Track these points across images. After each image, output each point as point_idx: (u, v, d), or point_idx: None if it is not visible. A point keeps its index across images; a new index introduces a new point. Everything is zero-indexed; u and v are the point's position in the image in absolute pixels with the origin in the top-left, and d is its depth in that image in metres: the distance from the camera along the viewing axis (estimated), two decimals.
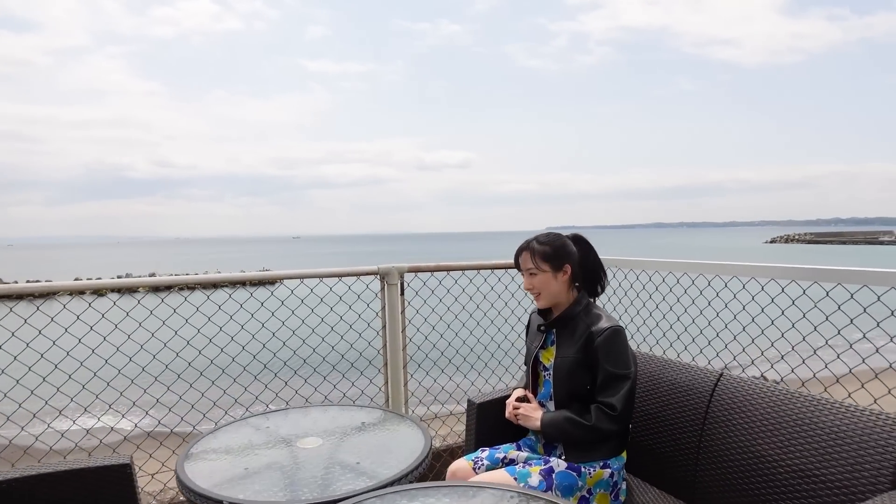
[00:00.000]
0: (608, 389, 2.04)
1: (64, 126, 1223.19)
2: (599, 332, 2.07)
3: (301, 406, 2.41)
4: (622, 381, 2.04)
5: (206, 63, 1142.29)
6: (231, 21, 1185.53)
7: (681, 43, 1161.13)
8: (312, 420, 2.27)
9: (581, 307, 2.20)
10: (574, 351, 2.11)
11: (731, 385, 2.17)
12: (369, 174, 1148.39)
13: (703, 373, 2.28)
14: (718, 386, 2.21)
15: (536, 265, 2.21)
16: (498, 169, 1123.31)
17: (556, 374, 2.17)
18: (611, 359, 2.05)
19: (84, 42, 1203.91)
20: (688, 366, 2.36)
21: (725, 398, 2.16)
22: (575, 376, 2.11)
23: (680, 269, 3.10)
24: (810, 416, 1.88)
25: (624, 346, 2.08)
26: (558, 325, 2.23)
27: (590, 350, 2.07)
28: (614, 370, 2.04)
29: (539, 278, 2.22)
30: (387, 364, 3.20)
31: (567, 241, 2.27)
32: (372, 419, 2.28)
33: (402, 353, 3.21)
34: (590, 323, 2.12)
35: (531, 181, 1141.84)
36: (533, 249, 2.23)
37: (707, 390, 2.23)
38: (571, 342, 2.13)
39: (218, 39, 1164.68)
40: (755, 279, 2.70)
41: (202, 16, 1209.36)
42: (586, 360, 2.09)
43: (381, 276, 3.13)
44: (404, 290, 3.20)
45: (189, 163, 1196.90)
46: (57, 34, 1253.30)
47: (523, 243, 2.30)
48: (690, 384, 2.28)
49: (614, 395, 2.03)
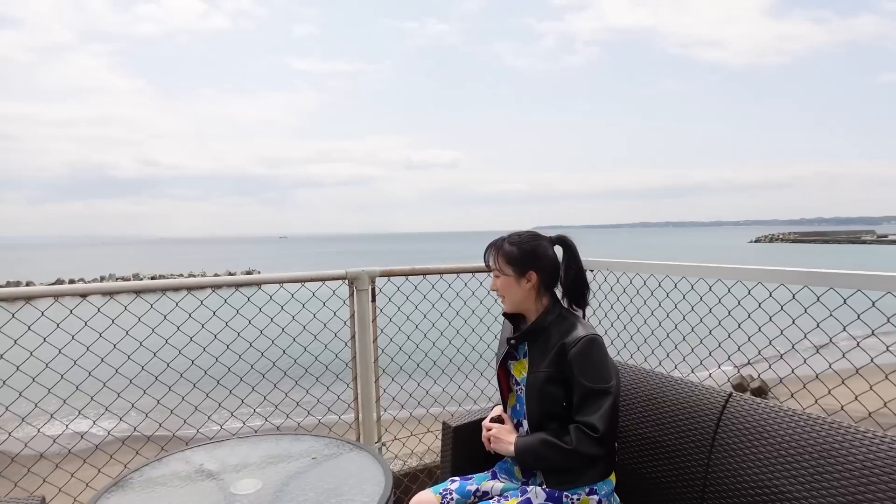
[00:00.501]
0: (587, 407, 1.81)
1: (46, 124, 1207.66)
2: (573, 343, 1.84)
3: (245, 436, 2.08)
4: (602, 397, 1.81)
5: (192, 61, 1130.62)
6: (217, 19, 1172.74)
7: (666, 44, 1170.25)
8: (255, 454, 1.92)
9: (554, 316, 1.96)
10: (546, 365, 1.88)
11: (743, 408, 1.91)
12: (357, 174, 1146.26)
13: (709, 393, 2.01)
14: (727, 408, 1.94)
15: (499, 267, 2.00)
16: (486, 168, 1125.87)
17: (528, 391, 1.94)
18: (587, 372, 1.82)
19: (67, 39, 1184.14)
20: (691, 384, 2.09)
21: (736, 423, 1.89)
22: (548, 394, 1.88)
23: (661, 271, 2.93)
24: (839, 448, 1.61)
25: (602, 357, 1.86)
26: (529, 336, 1.99)
27: (563, 364, 1.85)
28: (592, 385, 1.81)
29: (502, 281, 2.00)
30: (356, 378, 2.89)
31: (540, 245, 2.01)
32: (326, 451, 1.95)
33: (373, 366, 2.91)
34: (563, 333, 1.89)
35: (519, 181, 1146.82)
36: (499, 249, 2.01)
37: (714, 413, 1.95)
38: (544, 355, 1.91)
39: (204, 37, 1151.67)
40: (741, 282, 2.51)
41: (188, 13, 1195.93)
42: (560, 374, 1.86)
43: (350, 281, 2.82)
44: (376, 297, 2.89)
45: (174, 162, 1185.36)
46: (39, 31, 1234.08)
47: (496, 239, 2.07)
48: (694, 406, 2.01)
49: (594, 414, 1.79)
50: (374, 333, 2.90)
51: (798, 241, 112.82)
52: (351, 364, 2.90)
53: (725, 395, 1.97)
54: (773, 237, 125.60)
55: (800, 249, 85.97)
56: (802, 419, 1.75)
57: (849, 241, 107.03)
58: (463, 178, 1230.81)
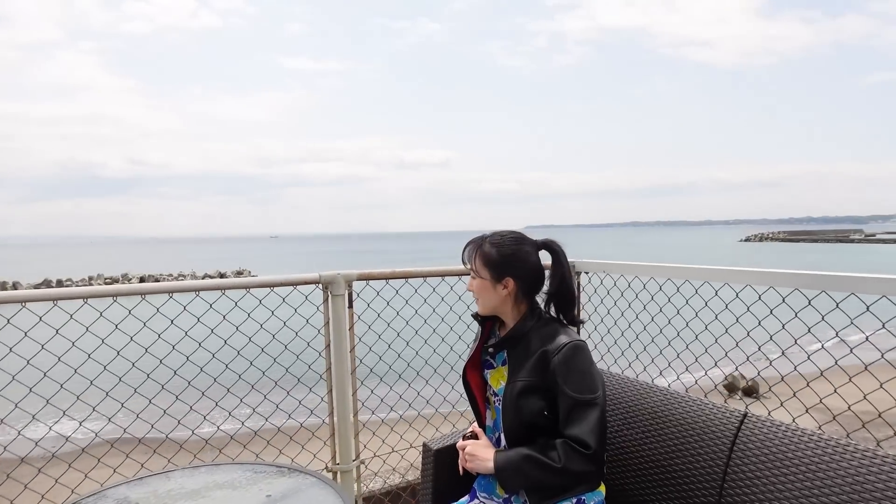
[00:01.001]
0: (574, 421, 1.66)
1: (33, 123, 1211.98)
2: (555, 350, 1.69)
3: (197, 465, 1.82)
4: (589, 409, 1.66)
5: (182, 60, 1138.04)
6: (207, 17, 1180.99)
7: (657, 44, 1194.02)
8: (200, 490, 1.68)
9: (533, 321, 1.80)
10: (526, 374, 1.73)
11: (759, 431, 1.69)
12: (348, 173, 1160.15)
13: (721, 413, 1.79)
14: (742, 431, 1.73)
15: (476, 268, 1.83)
16: (477, 168, 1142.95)
17: (505, 402, 1.77)
18: (572, 382, 1.67)
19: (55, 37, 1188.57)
20: (700, 402, 1.87)
21: (752, 447, 1.68)
22: (527, 405, 1.72)
23: (655, 273, 2.78)
24: (874, 479, 1.40)
25: (588, 365, 1.72)
26: (508, 343, 1.82)
27: (545, 372, 1.70)
28: (578, 396, 1.66)
29: (477, 283, 1.83)
30: (331, 391, 2.65)
31: (522, 250, 1.82)
32: (281, 488, 1.69)
33: (350, 378, 2.67)
34: (544, 339, 1.74)
35: (510, 180, 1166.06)
36: (478, 248, 1.83)
37: (727, 436, 1.74)
38: (524, 363, 1.75)
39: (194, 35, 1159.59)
40: (729, 285, 2.40)
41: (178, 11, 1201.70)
42: (541, 384, 1.71)
43: (324, 286, 2.58)
44: (353, 302, 2.65)
45: (164, 161, 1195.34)
46: (26, 28, 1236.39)
47: (476, 237, 1.88)
48: (704, 427, 1.80)
49: (583, 427, 1.64)
50: (351, 342, 2.66)
51: (787, 241, 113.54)
52: (326, 376, 2.66)
53: (740, 415, 1.75)
54: (763, 236, 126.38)
55: (789, 248, 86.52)
56: (830, 445, 1.54)
57: (837, 239, 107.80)
58: (455, 177, 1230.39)
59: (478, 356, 1.95)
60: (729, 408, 1.79)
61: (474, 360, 1.94)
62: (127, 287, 2.29)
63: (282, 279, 2.49)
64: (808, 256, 60.52)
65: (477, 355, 1.94)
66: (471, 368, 1.94)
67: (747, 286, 2.35)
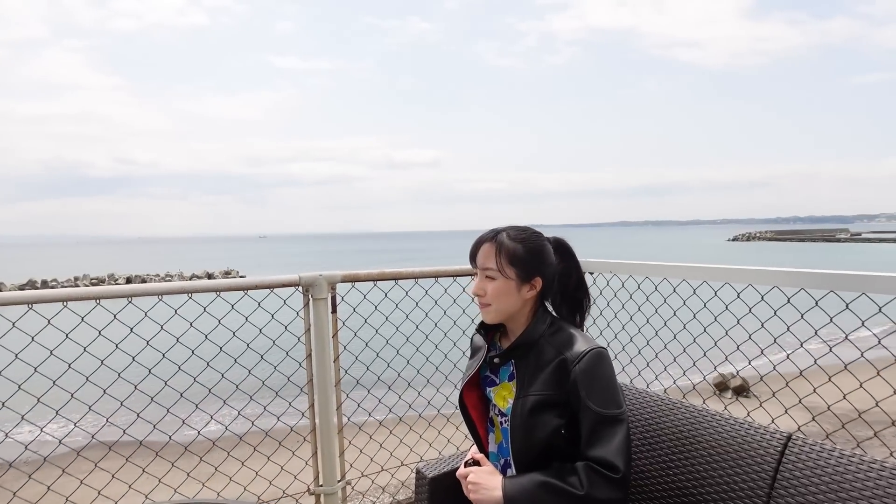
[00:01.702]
0: (599, 440, 1.43)
1: (19, 121, 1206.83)
2: (576, 358, 1.47)
3: None
4: (615, 426, 1.44)
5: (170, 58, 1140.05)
6: (196, 15, 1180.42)
7: (646, 44, 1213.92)
8: None
9: (545, 325, 1.58)
10: (541, 386, 1.50)
11: (807, 456, 1.46)
12: (338, 172, 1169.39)
13: (763, 435, 1.55)
14: (786, 456, 1.49)
15: (500, 267, 1.55)
16: (467, 167, 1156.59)
17: (514, 421, 1.52)
18: (596, 395, 1.45)
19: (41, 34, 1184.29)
20: (736, 422, 1.63)
21: (798, 475, 1.44)
22: (542, 423, 1.49)
23: (659, 273, 2.58)
24: None
25: (611, 376, 1.50)
26: (516, 353, 1.57)
27: (564, 384, 1.48)
28: (603, 411, 1.44)
29: (497, 285, 1.56)
30: (313, 406, 2.39)
31: (547, 245, 1.62)
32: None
33: (334, 391, 2.41)
34: (560, 346, 1.52)
35: (500, 179, 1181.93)
36: (501, 244, 1.56)
37: (769, 462, 1.50)
38: (536, 375, 1.52)
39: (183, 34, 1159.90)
40: (729, 284, 2.27)
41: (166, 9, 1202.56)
42: (560, 397, 1.49)
43: (304, 289, 2.32)
44: (337, 307, 2.39)
45: (152, 160, 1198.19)
46: (11, 25, 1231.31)
47: (488, 232, 1.61)
48: (741, 450, 1.55)
49: (610, 448, 1.41)
50: (334, 351, 2.40)
51: (775, 240, 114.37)
52: (307, 388, 2.39)
53: (784, 437, 1.51)
54: (751, 235, 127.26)
55: (777, 247, 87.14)
56: (888, 470, 1.30)
57: (824, 239, 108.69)
58: (445, 177, 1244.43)
59: (476, 374, 1.69)
60: (770, 429, 1.55)
61: (472, 378, 1.68)
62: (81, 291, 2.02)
63: (256, 281, 2.22)
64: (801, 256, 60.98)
65: (475, 373, 1.69)
66: (467, 388, 1.68)
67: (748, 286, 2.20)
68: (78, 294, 2.01)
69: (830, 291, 1.94)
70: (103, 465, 2.21)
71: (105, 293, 2.02)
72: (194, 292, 2.13)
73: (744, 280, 2.19)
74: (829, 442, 1.50)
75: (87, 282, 43.39)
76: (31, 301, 1.93)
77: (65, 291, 1.97)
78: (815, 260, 53.63)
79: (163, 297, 2.09)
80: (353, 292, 2.48)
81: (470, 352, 1.77)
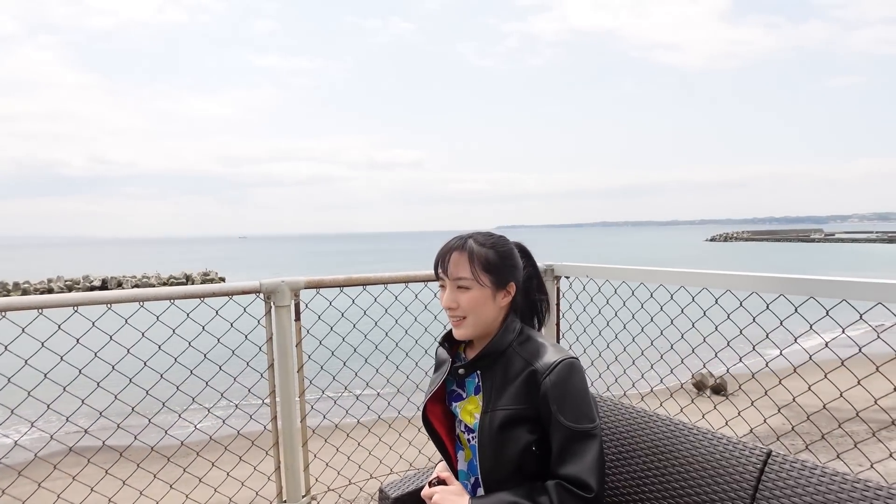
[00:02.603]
0: (571, 456, 1.37)
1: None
2: (546, 370, 1.40)
3: None
4: (588, 442, 1.38)
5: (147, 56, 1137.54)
6: (174, 12, 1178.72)
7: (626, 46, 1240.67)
8: None
9: (514, 335, 1.51)
10: (509, 400, 1.43)
11: (787, 473, 1.40)
12: (319, 173, 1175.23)
13: (742, 451, 1.48)
14: (766, 473, 1.42)
15: (475, 275, 1.46)
16: (449, 168, 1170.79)
17: (483, 437, 1.43)
18: (568, 408, 1.38)
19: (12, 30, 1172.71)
20: (714, 437, 1.55)
21: (779, 493, 1.38)
22: (510, 440, 1.42)
23: (635, 277, 2.51)
24: None
25: (583, 388, 1.43)
26: (483, 363, 1.49)
27: (534, 396, 1.41)
28: (575, 426, 1.37)
29: (471, 295, 1.47)
30: (275, 418, 2.28)
31: (514, 251, 1.56)
32: None
33: (298, 402, 2.30)
34: (529, 357, 1.45)
35: (481, 180, 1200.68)
36: (472, 251, 1.48)
37: (749, 478, 1.44)
38: (504, 387, 1.45)
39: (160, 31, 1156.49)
40: (707, 290, 2.21)
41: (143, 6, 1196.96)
42: (529, 411, 1.42)
43: (266, 296, 2.21)
44: (300, 314, 2.28)
45: (128, 159, 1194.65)
46: None
47: (453, 241, 1.52)
48: (720, 466, 1.48)
49: (582, 465, 1.34)
50: (298, 361, 2.29)
51: (751, 240, 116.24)
52: (269, 400, 2.28)
53: (763, 454, 1.44)
54: (728, 236, 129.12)
55: (754, 247, 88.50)
56: (871, 490, 1.24)
57: (798, 239, 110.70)
58: (426, 177, 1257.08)
59: (442, 388, 1.60)
60: (749, 445, 1.48)
61: (437, 392, 1.59)
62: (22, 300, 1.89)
63: (214, 288, 2.10)
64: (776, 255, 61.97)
65: (441, 387, 1.59)
66: (431, 402, 1.59)
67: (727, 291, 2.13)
68: (19, 303, 1.88)
69: (810, 297, 1.89)
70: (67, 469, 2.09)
71: (48, 302, 1.88)
72: (146, 300, 2.01)
73: (722, 285, 2.13)
74: (810, 456, 1.44)
75: (62, 284, 42.47)
76: None
77: (2, 301, 1.83)
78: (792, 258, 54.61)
79: (112, 306, 1.96)
80: (319, 299, 2.37)
81: (434, 366, 1.68)
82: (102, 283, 42.49)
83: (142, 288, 1.95)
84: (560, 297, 2.82)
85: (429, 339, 2.50)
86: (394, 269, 2.45)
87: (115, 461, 2.20)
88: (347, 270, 2.39)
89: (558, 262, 2.81)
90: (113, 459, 2.19)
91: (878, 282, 1.70)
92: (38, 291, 40.45)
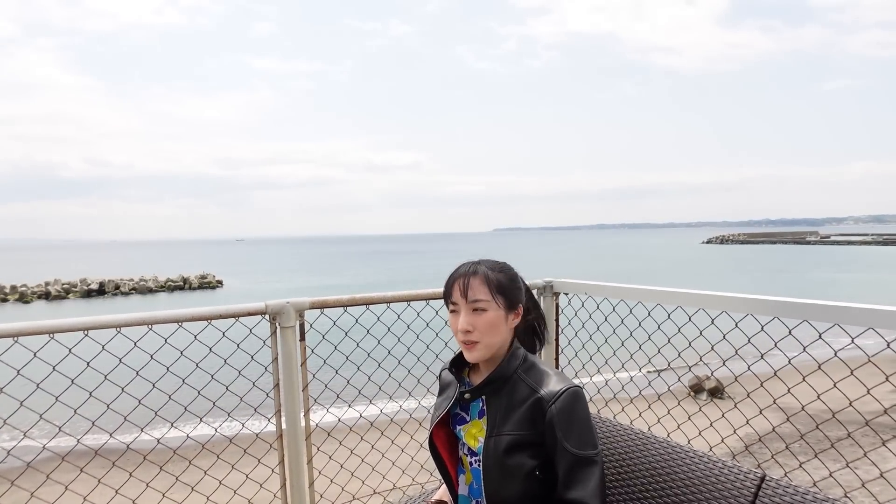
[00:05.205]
0: (575, 482, 1.42)
1: None
2: (552, 398, 1.46)
3: None
4: (591, 467, 1.44)
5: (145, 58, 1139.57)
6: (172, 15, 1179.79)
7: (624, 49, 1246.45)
8: None
9: (519, 361, 1.56)
10: (514, 426, 1.48)
11: (780, 499, 1.43)
12: (316, 175, 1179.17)
13: (735, 474, 1.53)
14: (760, 498, 1.47)
15: (493, 297, 1.52)
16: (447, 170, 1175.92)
17: (487, 460, 1.48)
18: (573, 435, 1.44)
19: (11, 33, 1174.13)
20: (709, 460, 1.60)
21: None
22: (514, 464, 1.46)
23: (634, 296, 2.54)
24: None
25: (587, 416, 1.50)
26: (489, 389, 1.54)
27: (539, 423, 1.46)
28: (580, 452, 1.43)
29: (487, 318, 1.51)
30: (281, 437, 2.32)
31: (518, 274, 1.65)
32: None
33: (303, 421, 2.34)
34: (535, 384, 1.50)
35: (478, 182, 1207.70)
36: (486, 275, 1.53)
37: (743, 502, 1.47)
38: (510, 413, 1.50)
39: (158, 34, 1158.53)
40: (703, 310, 2.25)
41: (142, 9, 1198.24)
42: (534, 438, 1.47)
43: (272, 317, 2.25)
44: (305, 335, 2.33)
45: (126, 162, 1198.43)
46: None
47: (465, 266, 1.57)
48: (714, 489, 1.53)
49: (586, 490, 1.39)
50: (303, 380, 2.33)
51: (747, 242, 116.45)
52: (275, 419, 2.32)
53: (757, 479, 1.49)
54: (724, 238, 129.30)
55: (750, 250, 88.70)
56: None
57: (794, 241, 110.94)
58: (424, 179, 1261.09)
59: (445, 411, 1.64)
60: (743, 469, 1.53)
61: (442, 416, 1.63)
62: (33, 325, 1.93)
63: (221, 310, 2.15)
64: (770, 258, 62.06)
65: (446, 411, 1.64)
66: (436, 426, 1.63)
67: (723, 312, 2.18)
68: (30, 328, 1.92)
69: (804, 321, 1.93)
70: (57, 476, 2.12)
71: (59, 327, 1.92)
72: (155, 323, 2.05)
73: (718, 307, 2.18)
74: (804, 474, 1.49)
75: (60, 287, 42.30)
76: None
77: (15, 326, 1.87)
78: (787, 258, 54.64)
79: (121, 330, 2.00)
80: (322, 317, 2.42)
81: (438, 389, 1.72)
82: (100, 287, 42.36)
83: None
84: (559, 314, 2.87)
85: (430, 356, 2.55)
86: (395, 290, 2.49)
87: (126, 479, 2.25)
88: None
89: (558, 279, 2.86)
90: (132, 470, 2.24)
91: (870, 308, 1.74)
92: (35, 294, 40.32)
